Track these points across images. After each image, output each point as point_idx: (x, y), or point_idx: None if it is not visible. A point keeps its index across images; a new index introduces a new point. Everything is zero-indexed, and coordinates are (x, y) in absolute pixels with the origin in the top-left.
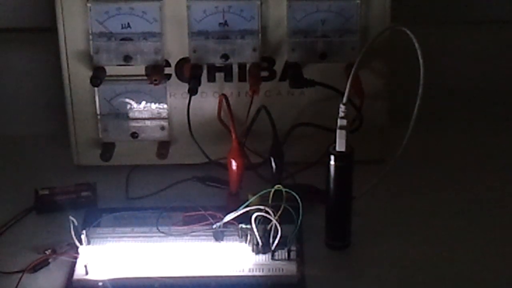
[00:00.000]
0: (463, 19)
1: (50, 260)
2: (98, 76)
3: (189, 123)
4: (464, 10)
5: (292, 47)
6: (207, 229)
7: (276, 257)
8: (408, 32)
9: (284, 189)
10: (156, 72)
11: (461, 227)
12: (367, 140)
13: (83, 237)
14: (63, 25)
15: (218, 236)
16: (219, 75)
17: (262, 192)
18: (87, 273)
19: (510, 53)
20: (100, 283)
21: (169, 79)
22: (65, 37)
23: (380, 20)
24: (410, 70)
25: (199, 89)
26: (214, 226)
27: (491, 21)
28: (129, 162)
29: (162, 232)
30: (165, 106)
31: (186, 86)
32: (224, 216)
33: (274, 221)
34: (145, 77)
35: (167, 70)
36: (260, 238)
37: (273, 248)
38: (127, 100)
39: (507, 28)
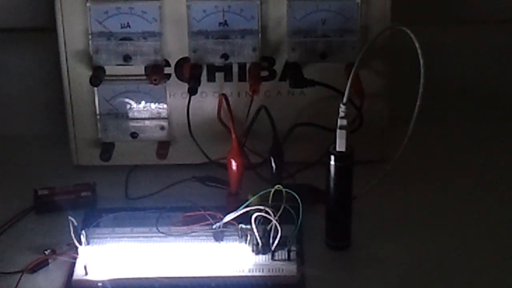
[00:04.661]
0: (462, 19)
1: (49, 261)
2: (97, 76)
3: (189, 123)
4: (464, 10)
5: (292, 47)
6: (207, 229)
7: (276, 257)
8: (408, 32)
9: (284, 189)
10: (155, 72)
11: (461, 227)
12: (367, 140)
13: (82, 237)
14: (63, 25)
15: (218, 236)
16: (219, 75)
17: (262, 192)
18: (86, 274)
19: (510, 53)
20: (100, 284)
21: (168, 79)
22: (64, 37)
23: (380, 20)
24: (410, 70)
25: (199, 89)
26: (214, 226)
27: (491, 21)
28: (128, 162)
29: (162, 232)
30: (165, 106)
31: (186, 86)
32: (224, 216)
33: (274, 221)
34: (145, 77)
35: (166, 70)
36: (260, 238)
37: (273, 248)
38: (127, 100)
39: (507, 28)
